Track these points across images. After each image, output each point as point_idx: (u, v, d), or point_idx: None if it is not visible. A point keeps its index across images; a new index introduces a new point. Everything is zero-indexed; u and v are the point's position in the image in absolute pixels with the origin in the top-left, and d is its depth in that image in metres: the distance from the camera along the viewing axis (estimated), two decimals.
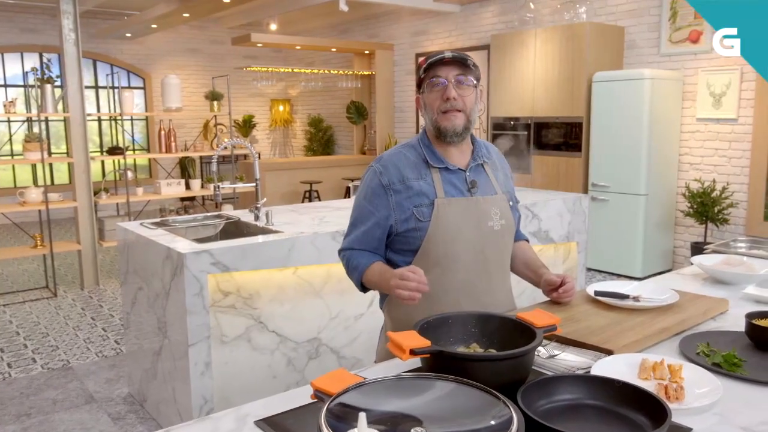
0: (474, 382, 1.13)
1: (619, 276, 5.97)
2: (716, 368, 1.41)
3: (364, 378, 1.17)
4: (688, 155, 6.04)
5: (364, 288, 1.81)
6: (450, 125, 1.70)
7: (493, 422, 1.02)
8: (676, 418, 1.17)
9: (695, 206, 5.67)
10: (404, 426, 1.00)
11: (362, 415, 0.91)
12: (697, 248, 5.52)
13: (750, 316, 1.61)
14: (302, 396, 1.29)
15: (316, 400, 1.14)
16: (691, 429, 1.17)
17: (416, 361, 1.37)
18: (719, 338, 1.59)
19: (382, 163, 1.77)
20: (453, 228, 1.71)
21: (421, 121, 9.10)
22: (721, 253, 2.51)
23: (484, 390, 1.11)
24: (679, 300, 1.83)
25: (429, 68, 1.71)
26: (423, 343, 1.27)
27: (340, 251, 1.87)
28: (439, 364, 1.26)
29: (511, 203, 1.83)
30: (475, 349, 1.44)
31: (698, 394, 1.28)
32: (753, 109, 5.50)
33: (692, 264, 2.37)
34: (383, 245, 1.78)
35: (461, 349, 1.45)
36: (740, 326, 1.64)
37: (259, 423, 1.21)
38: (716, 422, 1.21)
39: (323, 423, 0.97)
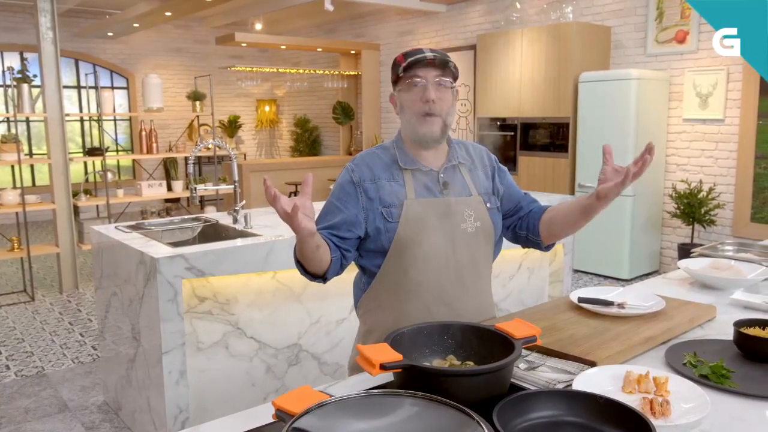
0: (446, 400, 1.05)
1: (606, 278, 5.93)
2: (704, 380, 1.34)
3: (331, 395, 1.09)
4: (674, 156, 6.01)
5: (302, 266, 1.60)
6: (428, 131, 1.66)
7: None
8: None
9: (682, 207, 5.64)
10: None
11: None
12: (684, 249, 5.48)
13: (738, 324, 1.55)
14: (264, 415, 1.21)
15: (277, 420, 1.06)
16: None
17: (389, 375, 1.29)
18: (707, 347, 1.53)
19: (355, 162, 1.73)
20: (422, 228, 1.65)
21: None
22: (709, 257, 2.46)
23: (457, 408, 1.03)
24: (665, 307, 1.77)
25: (408, 67, 1.64)
26: (394, 357, 1.19)
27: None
28: (412, 378, 1.19)
29: (488, 205, 1.75)
30: (452, 361, 1.37)
31: (685, 410, 1.21)
32: (739, 110, 5.48)
33: (679, 267, 2.31)
34: (347, 246, 1.65)
35: (437, 362, 1.38)
36: (728, 334, 1.57)
37: None
38: None
39: None
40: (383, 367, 1.17)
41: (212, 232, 3.46)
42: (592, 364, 1.41)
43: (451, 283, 1.69)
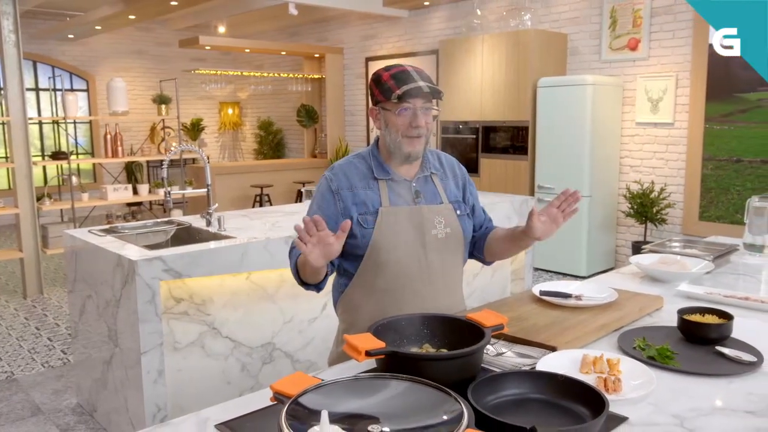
0: (427, 381, 1.19)
1: (565, 275, 6.17)
2: (651, 361, 1.51)
3: (322, 380, 1.21)
4: (628, 158, 6.29)
5: (300, 278, 1.77)
6: (413, 150, 1.79)
7: (445, 417, 1.09)
8: (614, 408, 1.26)
9: (635, 207, 5.92)
10: (363, 424, 1.05)
11: (324, 413, 0.96)
12: (638, 247, 5.76)
13: (682, 312, 1.73)
14: (260, 400, 1.33)
15: (275, 402, 1.17)
16: (627, 418, 1.26)
17: (371, 363, 1.42)
18: (654, 333, 1.70)
19: (333, 172, 1.86)
20: (395, 235, 1.79)
21: (371, 125, 9.21)
22: (658, 253, 2.66)
23: (437, 387, 1.17)
24: (617, 298, 1.95)
25: (404, 95, 1.72)
26: (378, 344, 1.32)
27: (290, 250, 1.83)
28: (394, 364, 1.32)
29: (458, 212, 1.89)
30: (428, 349, 1.51)
31: (634, 386, 1.38)
32: (688, 114, 5.78)
33: (631, 263, 2.50)
34: None
35: (414, 350, 1.51)
36: (674, 321, 1.75)
37: (220, 426, 1.24)
38: (651, 411, 1.30)
39: (284, 423, 1.01)
40: (369, 354, 1.30)
41: (186, 235, 3.53)
42: (553, 349, 1.57)
43: (423, 285, 1.83)
